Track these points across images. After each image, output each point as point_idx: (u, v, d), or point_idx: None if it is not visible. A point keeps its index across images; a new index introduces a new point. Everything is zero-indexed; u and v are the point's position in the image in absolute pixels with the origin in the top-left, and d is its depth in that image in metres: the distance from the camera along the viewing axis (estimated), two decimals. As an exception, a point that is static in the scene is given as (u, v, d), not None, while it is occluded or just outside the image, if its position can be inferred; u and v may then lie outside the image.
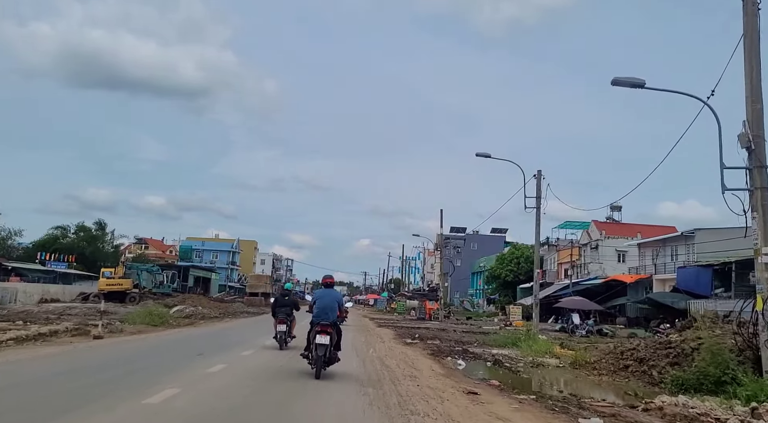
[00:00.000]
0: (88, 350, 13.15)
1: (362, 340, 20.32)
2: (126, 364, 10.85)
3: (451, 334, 28.46)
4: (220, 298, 60.74)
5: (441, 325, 39.34)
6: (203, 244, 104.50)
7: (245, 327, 25.14)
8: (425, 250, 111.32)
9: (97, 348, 13.77)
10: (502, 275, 64.21)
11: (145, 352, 13.46)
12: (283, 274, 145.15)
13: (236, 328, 24.58)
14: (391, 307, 62.29)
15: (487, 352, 18.44)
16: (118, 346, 14.30)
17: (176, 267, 75.87)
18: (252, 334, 20.18)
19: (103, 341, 15.36)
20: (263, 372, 10.81)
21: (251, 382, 9.32)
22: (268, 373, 10.68)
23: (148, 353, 13.12)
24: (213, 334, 20.17)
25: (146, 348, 14.47)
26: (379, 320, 40.49)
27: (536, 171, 23.63)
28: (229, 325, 25.94)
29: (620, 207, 58.37)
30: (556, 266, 58.32)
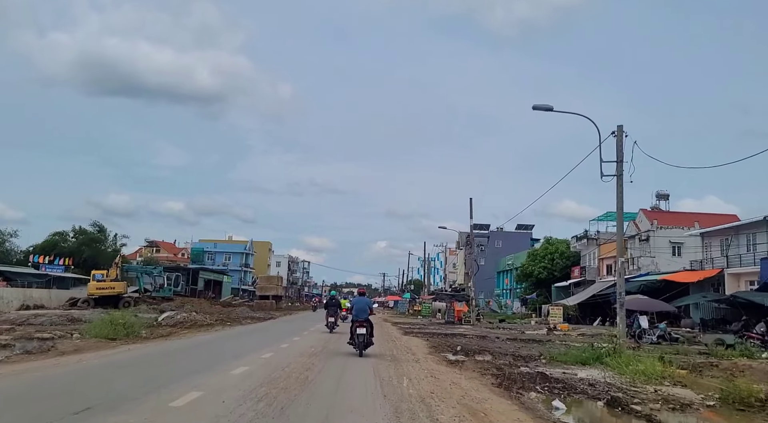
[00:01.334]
0: None
1: (387, 359, 14.25)
2: None
3: (498, 343, 22.31)
4: (228, 302, 55.04)
5: (476, 330, 33.14)
6: (215, 246, 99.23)
7: (232, 339, 19.21)
8: (446, 249, 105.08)
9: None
10: (535, 273, 57.78)
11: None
12: (299, 277, 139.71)
13: (219, 341, 18.65)
14: (415, 310, 56.14)
15: (573, 377, 12.32)
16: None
17: (183, 269, 70.53)
18: (234, 350, 14.30)
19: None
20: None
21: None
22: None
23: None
24: (173, 353, 14.23)
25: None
26: (403, 325, 34.43)
27: (615, 127, 17.22)
28: (215, 336, 20.05)
29: (667, 195, 51.72)
30: (597, 262, 51.71)
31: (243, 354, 13.44)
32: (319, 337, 20.51)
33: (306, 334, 22.14)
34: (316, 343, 17.46)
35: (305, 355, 13.87)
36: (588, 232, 54.22)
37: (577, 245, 55.92)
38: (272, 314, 42.10)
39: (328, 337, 20.74)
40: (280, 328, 26.37)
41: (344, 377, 10.56)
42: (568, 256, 57.38)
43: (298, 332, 22.63)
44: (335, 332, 22.21)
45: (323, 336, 21.35)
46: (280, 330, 24.69)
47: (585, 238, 53.78)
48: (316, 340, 19.00)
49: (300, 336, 20.85)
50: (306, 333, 22.87)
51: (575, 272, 54.67)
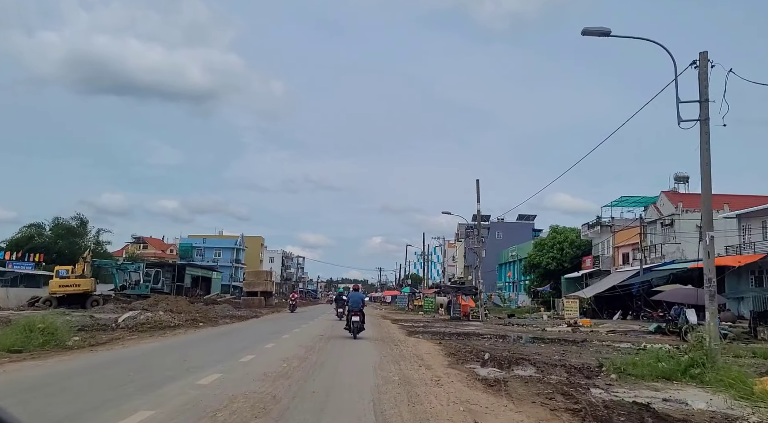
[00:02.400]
0: None
1: (395, 381, 9.58)
2: None
3: (527, 345, 17.75)
4: (212, 299, 50.36)
5: (488, 327, 28.61)
6: (204, 241, 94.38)
7: (184, 348, 14.44)
8: (445, 242, 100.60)
9: None
10: (543, 263, 53.27)
11: None
12: (294, 273, 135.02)
13: (162, 352, 13.86)
14: (415, 305, 51.58)
15: (682, 408, 7.76)
16: None
17: (168, 265, 65.78)
18: (166, 370, 9.61)
19: None
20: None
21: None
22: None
23: None
24: (63, 380, 9.56)
25: None
26: (405, 323, 29.85)
27: (699, 54, 12.52)
28: (166, 344, 15.30)
29: (687, 177, 47.25)
30: (612, 251, 47.25)
31: (176, 377, 8.80)
32: (300, 346, 15.94)
33: (286, 338, 17.54)
34: (292, 355, 12.78)
35: (267, 378, 9.14)
36: (601, 218, 49.73)
37: (589, 233, 51.43)
38: (258, 312, 37.46)
39: (310, 347, 16.21)
40: (258, 329, 21.72)
41: None
42: (579, 246, 52.91)
43: (275, 336, 17.99)
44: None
45: (309, 341, 16.82)
46: (257, 333, 20.03)
47: (598, 225, 49.27)
48: (295, 349, 14.32)
49: (276, 341, 16.18)
50: (287, 336, 18.26)
51: (587, 262, 50.21)
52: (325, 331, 21.24)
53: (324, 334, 19.61)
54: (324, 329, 22.16)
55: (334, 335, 18.71)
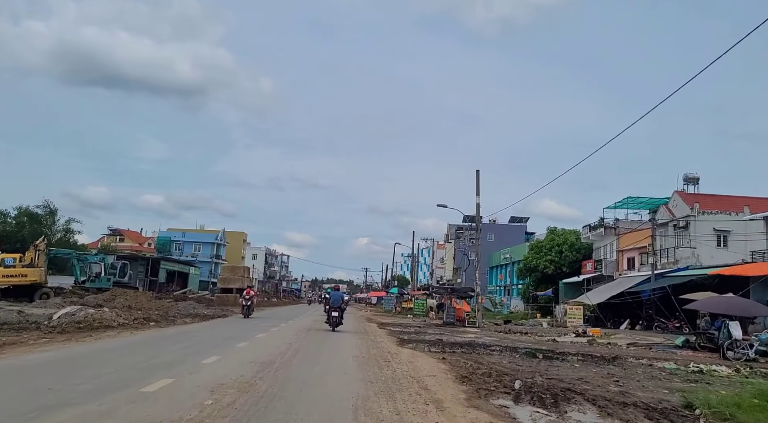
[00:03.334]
0: None
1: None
2: None
3: (562, 368, 13.85)
4: (182, 295, 46.11)
5: (488, 334, 24.79)
6: (184, 235, 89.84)
7: (95, 360, 10.36)
8: (434, 243, 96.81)
9: None
10: (540, 267, 49.58)
11: None
12: (277, 271, 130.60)
13: (49, 367, 9.87)
14: (403, 307, 47.61)
15: None
16: None
17: (139, 258, 61.29)
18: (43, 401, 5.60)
19: None
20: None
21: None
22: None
23: None
24: None
25: None
26: (394, 328, 25.88)
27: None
28: (72, 353, 11.17)
29: (697, 178, 43.82)
30: (616, 255, 43.65)
31: None
32: (254, 362, 11.92)
33: (242, 348, 13.45)
34: (234, 379, 8.73)
35: None
36: (604, 220, 46.11)
37: (590, 236, 47.82)
38: (228, 311, 33.30)
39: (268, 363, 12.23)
40: (213, 334, 17.47)
41: None
42: (579, 249, 49.30)
43: (228, 345, 13.92)
44: None
45: (270, 354, 12.78)
46: (208, 338, 15.74)
47: (601, 227, 45.66)
48: (245, 367, 10.28)
49: (224, 353, 11.94)
50: (243, 344, 14.15)
51: (587, 266, 46.59)
52: (296, 338, 17.19)
53: (294, 342, 15.57)
54: (294, 335, 18.11)
55: (303, 347, 14.68)
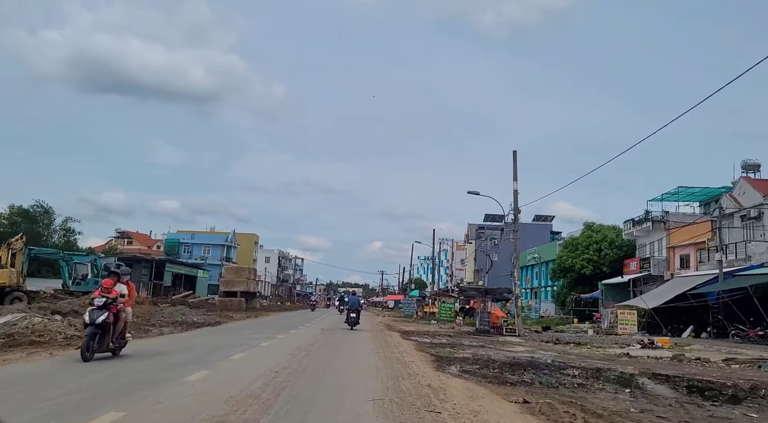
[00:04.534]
0: None
1: None
2: None
3: (694, 410, 8.72)
4: (181, 299, 41.51)
5: (538, 346, 19.68)
6: (193, 237, 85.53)
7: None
8: (453, 244, 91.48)
9: None
10: (576, 267, 44.23)
11: None
12: (291, 274, 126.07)
13: None
14: (425, 311, 42.50)
15: None
16: None
17: (143, 261, 57.06)
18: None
19: None
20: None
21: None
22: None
23: None
24: None
25: None
26: (420, 338, 20.81)
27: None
28: None
29: (758, 165, 38.33)
30: (666, 252, 38.21)
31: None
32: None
33: (190, 383, 8.50)
34: None
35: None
36: (651, 213, 40.67)
37: (634, 231, 42.38)
38: (227, 317, 28.50)
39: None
40: (186, 354, 12.54)
41: None
42: (620, 246, 43.93)
43: (176, 375, 8.92)
44: None
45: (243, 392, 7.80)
46: (161, 364, 10.87)
47: (648, 221, 40.22)
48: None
49: (157, 391, 7.05)
50: (195, 377, 9.07)
51: (631, 266, 41.17)
52: (290, 358, 12.20)
53: (282, 367, 10.56)
54: (287, 356, 13.12)
55: (295, 379, 9.69)
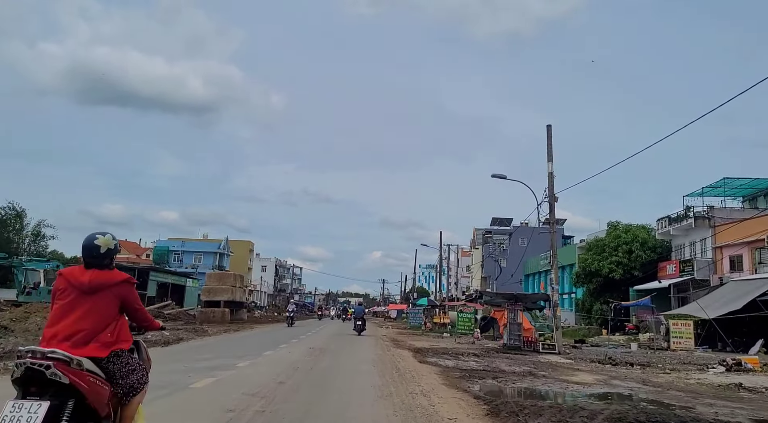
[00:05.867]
0: None
1: None
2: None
3: None
4: (156, 310, 35.89)
5: (596, 370, 14.22)
6: (183, 244, 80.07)
7: None
8: (459, 249, 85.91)
9: None
10: (603, 271, 38.76)
11: None
12: (289, 284, 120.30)
13: None
14: (434, 322, 36.91)
15: None
16: None
17: (126, 269, 51.29)
18: None
19: None
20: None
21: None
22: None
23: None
24: None
25: None
26: (441, 359, 15.34)
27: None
28: None
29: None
30: (713, 252, 32.81)
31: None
32: None
33: None
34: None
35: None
36: (692, 209, 35.27)
37: (671, 230, 36.97)
38: (200, 332, 22.98)
39: None
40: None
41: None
42: (653, 247, 38.53)
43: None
44: None
45: None
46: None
47: (690, 217, 34.81)
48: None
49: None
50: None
51: (668, 269, 35.75)
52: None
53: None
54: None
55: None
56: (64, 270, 3.57)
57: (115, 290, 3.53)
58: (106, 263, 3.56)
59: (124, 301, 3.59)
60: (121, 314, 3.61)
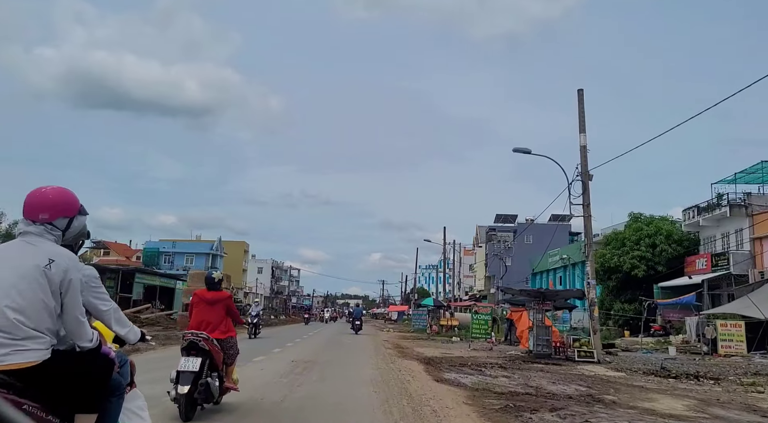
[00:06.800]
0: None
1: None
2: None
3: None
4: (132, 316, 32.07)
5: (695, 395, 10.45)
6: (174, 245, 76.21)
7: None
8: (461, 248, 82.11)
9: None
10: (624, 267, 35.07)
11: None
12: (285, 286, 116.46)
13: None
14: (441, 325, 33.07)
15: None
16: None
17: (108, 270, 47.76)
18: None
19: None
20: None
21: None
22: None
23: None
24: None
25: None
26: (461, 374, 11.61)
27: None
28: None
29: None
30: (751, 244, 29.16)
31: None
32: None
33: None
34: None
35: None
36: (726, 196, 31.60)
37: (700, 220, 33.30)
38: (171, 340, 19.21)
39: None
40: None
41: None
42: (679, 240, 34.87)
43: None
44: None
45: None
46: None
47: (725, 205, 31.11)
48: None
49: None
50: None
51: (699, 264, 32.06)
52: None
53: None
54: None
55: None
56: (197, 291, 6.99)
57: (223, 302, 6.73)
58: (218, 287, 6.89)
59: (228, 308, 6.78)
60: (227, 316, 6.76)
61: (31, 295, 2.31)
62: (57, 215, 2.55)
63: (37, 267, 2.35)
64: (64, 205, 2.60)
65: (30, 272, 2.34)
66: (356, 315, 34.16)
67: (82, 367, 2.44)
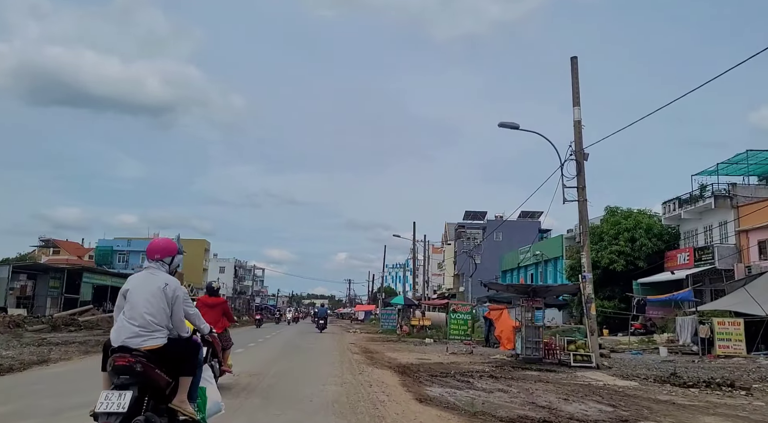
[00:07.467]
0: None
1: None
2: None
3: None
4: (69, 319, 28.73)
5: (734, 411, 8.17)
6: (129, 243, 71.78)
7: None
8: (429, 246, 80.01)
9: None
10: (602, 262, 33.27)
11: None
12: (249, 286, 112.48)
13: None
14: (412, 326, 30.58)
15: None
16: None
17: (52, 270, 44.21)
18: None
19: None
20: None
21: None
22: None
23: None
24: None
25: None
26: (451, 391, 9.11)
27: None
28: None
29: None
30: (737, 237, 27.62)
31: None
32: None
33: None
34: None
35: None
36: (710, 187, 30.05)
37: (681, 213, 31.73)
38: (93, 347, 16.18)
39: None
40: None
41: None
42: (659, 234, 33.31)
43: None
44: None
45: None
46: None
47: (709, 197, 29.55)
48: None
49: None
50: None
51: (681, 258, 30.50)
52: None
53: None
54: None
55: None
56: (200, 297, 8.97)
57: (221, 306, 8.69)
58: (217, 294, 9.09)
59: (224, 311, 8.69)
60: (223, 316, 8.62)
61: (156, 304, 4.04)
62: (165, 255, 4.33)
63: (159, 288, 4.09)
64: (169, 249, 4.38)
65: (155, 291, 4.07)
66: (321, 314, 36.07)
67: (183, 349, 4.20)
